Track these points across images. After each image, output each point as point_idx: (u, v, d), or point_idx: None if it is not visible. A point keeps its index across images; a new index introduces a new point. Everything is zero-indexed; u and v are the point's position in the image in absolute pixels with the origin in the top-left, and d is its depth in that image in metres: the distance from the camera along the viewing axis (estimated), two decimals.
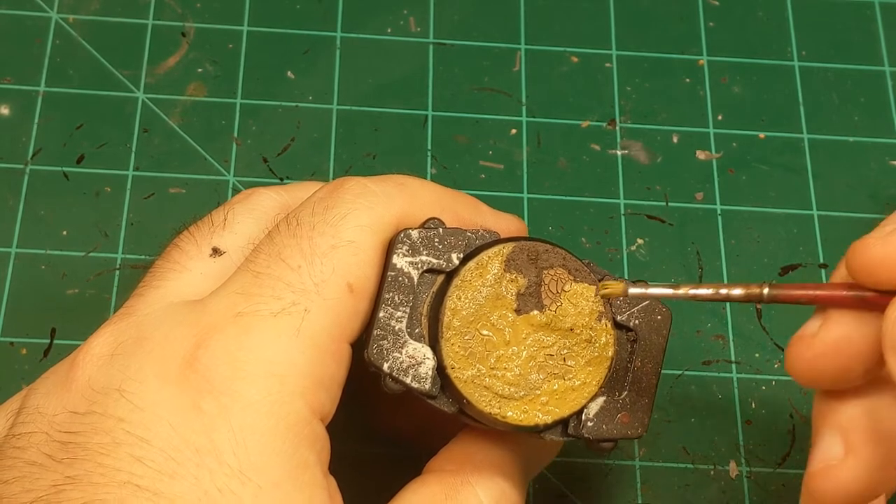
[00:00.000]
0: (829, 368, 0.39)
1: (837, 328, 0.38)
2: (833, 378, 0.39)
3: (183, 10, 0.61)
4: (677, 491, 0.53)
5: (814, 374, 0.39)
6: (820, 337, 0.39)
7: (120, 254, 0.55)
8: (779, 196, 0.60)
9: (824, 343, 0.38)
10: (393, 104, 0.60)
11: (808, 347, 0.39)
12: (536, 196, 0.59)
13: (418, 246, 0.41)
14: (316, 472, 0.39)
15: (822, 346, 0.39)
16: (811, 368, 0.39)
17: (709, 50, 0.63)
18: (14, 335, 0.53)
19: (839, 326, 0.38)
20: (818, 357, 0.39)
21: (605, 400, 0.42)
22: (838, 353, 0.38)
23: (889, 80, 0.63)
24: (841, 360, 0.38)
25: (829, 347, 0.38)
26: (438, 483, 0.42)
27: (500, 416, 0.41)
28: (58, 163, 0.57)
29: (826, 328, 0.39)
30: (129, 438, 0.38)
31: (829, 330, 0.38)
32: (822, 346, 0.39)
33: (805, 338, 0.39)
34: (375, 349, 0.40)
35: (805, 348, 0.39)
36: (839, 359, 0.38)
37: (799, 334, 0.39)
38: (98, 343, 0.41)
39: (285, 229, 0.41)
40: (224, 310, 0.40)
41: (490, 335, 0.41)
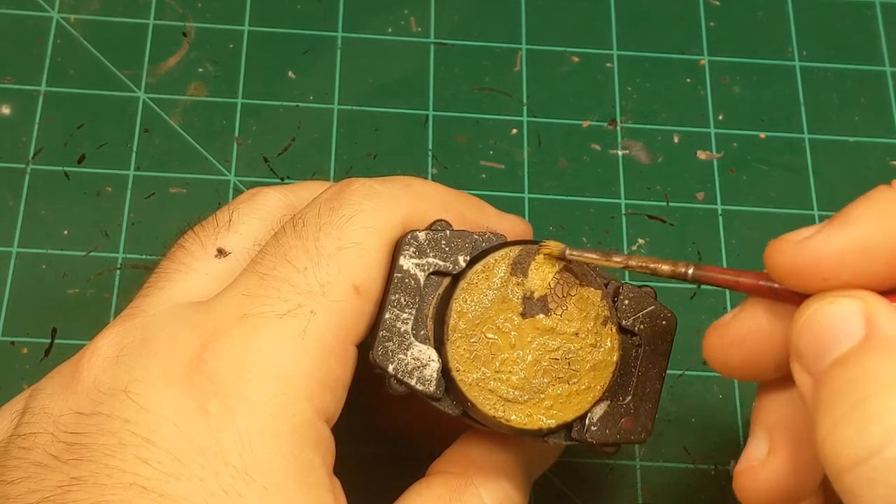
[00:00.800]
0: (740, 358, 0.39)
1: (749, 319, 0.39)
2: (744, 368, 0.39)
3: (184, 9, 0.61)
4: (677, 491, 0.53)
5: (726, 362, 0.40)
6: (732, 326, 0.39)
7: (121, 253, 0.55)
8: (779, 196, 0.60)
9: (735, 332, 0.39)
10: (394, 104, 0.60)
11: (720, 335, 0.39)
12: (537, 196, 0.59)
13: (425, 248, 0.41)
14: (321, 473, 0.39)
15: (733, 336, 0.39)
16: (723, 356, 0.40)
17: (709, 50, 0.63)
18: (15, 335, 0.53)
19: (751, 318, 0.39)
20: (729, 346, 0.39)
21: (608, 404, 0.42)
22: (748, 343, 0.39)
23: (889, 80, 0.63)
24: (751, 351, 0.39)
25: (740, 337, 0.39)
26: (442, 485, 0.42)
27: (504, 419, 0.41)
28: (59, 162, 0.57)
29: (738, 318, 0.39)
30: (135, 440, 0.38)
31: (741, 320, 0.39)
32: (733, 336, 0.39)
33: (720, 326, 0.40)
34: (380, 351, 0.41)
35: (718, 336, 0.40)
36: (749, 350, 0.39)
37: (716, 322, 0.40)
38: (104, 344, 0.41)
39: (291, 231, 0.41)
40: (230, 311, 0.40)
41: (495, 338, 0.41)
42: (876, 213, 0.35)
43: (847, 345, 0.34)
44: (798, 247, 0.36)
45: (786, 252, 0.36)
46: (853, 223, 0.35)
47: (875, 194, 0.36)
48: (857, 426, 0.32)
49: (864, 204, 0.36)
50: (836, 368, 0.34)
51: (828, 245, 0.35)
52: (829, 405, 0.33)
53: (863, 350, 0.34)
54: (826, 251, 0.35)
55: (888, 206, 0.36)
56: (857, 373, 0.33)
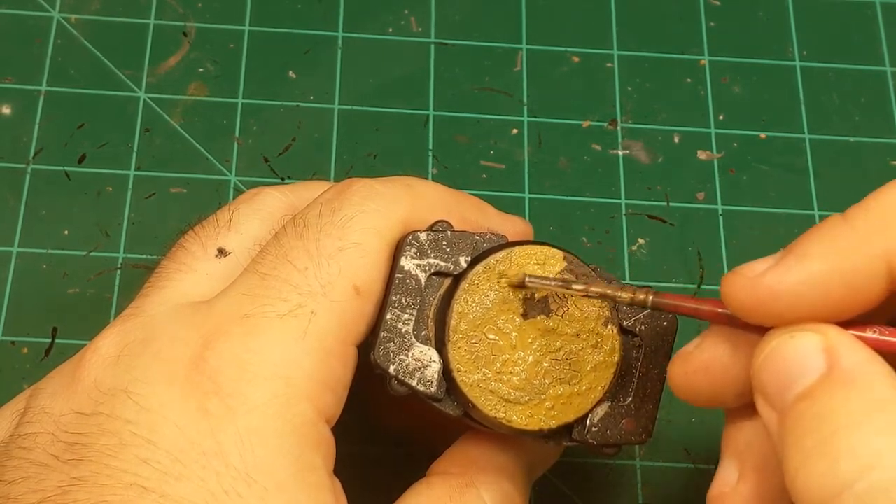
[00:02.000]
0: (702, 386, 0.39)
1: (711, 349, 0.39)
2: (707, 397, 0.39)
3: (184, 9, 0.61)
4: (677, 491, 0.53)
5: (688, 389, 0.40)
6: (695, 355, 0.39)
7: (121, 253, 0.55)
8: (779, 196, 0.60)
9: (699, 361, 0.39)
10: (394, 104, 0.60)
11: (683, 363, 0.39)
12: (537, 196, 0.59)
13: (426, 248, 0.41)
14: (322, 473, 0.39)
15: (696, 364, 0.39)
16: (686, 384, 0.39)
17: (710, 50, 0.63)
18: (15, 335, 0.53)
19: (713, 348, 0.39)
20: (691, 374, 0.39)
21: (609, 405, 0.42)
22: (710, 373, 0.39)
23: (889, 80, 0.63)
24: (713, 381, 0.39)
25: (702, 366, 0.39)
26: (443, 485, 0.42)
27: (505, 420, 0.41)
28: (59, 162, 0.57)
29: (701, 348, 0.39)
30: (136, 440, 0.38)
31: (704, 350, 0.39)
32: (696, 364, 0.39)
33: (683, 354, 0.40)
34: (382, 351, 0.41)
35: (681, 363, 0.40)
36: (711, 379, 0.39)
37: (680, 351, 0.40)
38: (104, 344, 0.41)
39: (292, 231, 0.41)
40: (230, 311, 0.40)
41: (496, 339, 0.41)
42: (829, 248, 0.35)
43: (809, 379, 0.34)
44: (753, 282, 0.36)
45: (741, 288, 0.36)
46: (809, 257, 0.35)
47: (828, 226, 0.36)
48: (827, 462, 0.32)
49: (818, 237, 0.36)
50: (800, 403, 0.34)
51: (783, 282, 0.35)
52: (797, 441, 0.33)
53: (825, 384, 0.34)
54: (781, 287, 0.35)
55: (841, 239, 0.35)
56: (822, 408, 0.33)
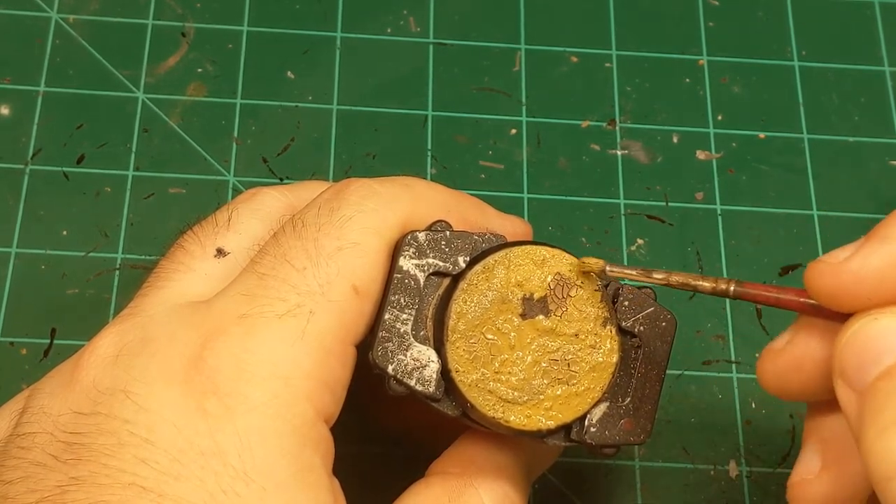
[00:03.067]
0: (794, 382, 0.39)
1: (802, 344, 0.39)
2: (798, 392, 0.40)
3: (183, 10, 0.61)
4: (677, 491, 0.53)
5: (780, 386, 0.40)
6: (786, 351, 0.39)
7: (120, 254, 0.55)
8: (779, 196, 0.60)
9: (789, 358, 0.39)
10: (393, 104, 0.60)
11: (773, 360, 0.40)
12: (536, 196, 0.59)
13: (425, 248, 0.41)
14: (321, 473, 0.39)
15: (787, 361, 0.39)
16: (777, 381, 0.40)
17: (709, 50, 0.63)
18: (14, 335, 0.53)
19: (803, 343, 0.39)
20: (783, 371, 0.39)
21: (608, 406, 0.42)
22: (802, 368, 0.39)
23: (889, 80, 0.63)
24: (804, 376, 0.39)
25: (794, 362, 0.39)
26: (442, 485, 0.42)
27: (504, 420, 0.41)
28: (58, 163, 0.57)
29: (792, 343, 0.39)
30: (134, 440, 0.38)
31: (795, 345, 0.39)
32: (787, 361, 0.39)
33: (772, 351, 0.40)
34: (380, 351, 0.40)
35: (771, 361, 0.40)
36: (803, 374, 0.39)
37: (768, 347, 0.40)
38: (103, 344, 0.41)
39: (290, 231, 0.41)
40: (229, 311, 0.40)
41: (495, 339, 0.41)
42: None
43: (890, 359, 0.34)
44: (838, 268, 0.36)
45: (826, 275, 0.36)
46: (889, 241, 0.36)
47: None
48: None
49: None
50: (880, 382, 0.34)
51: (867, 264, 0.36)
52: (874, 416, 0.33)
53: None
54: (866, 270, 0.36)
55: None
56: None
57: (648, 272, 0.41)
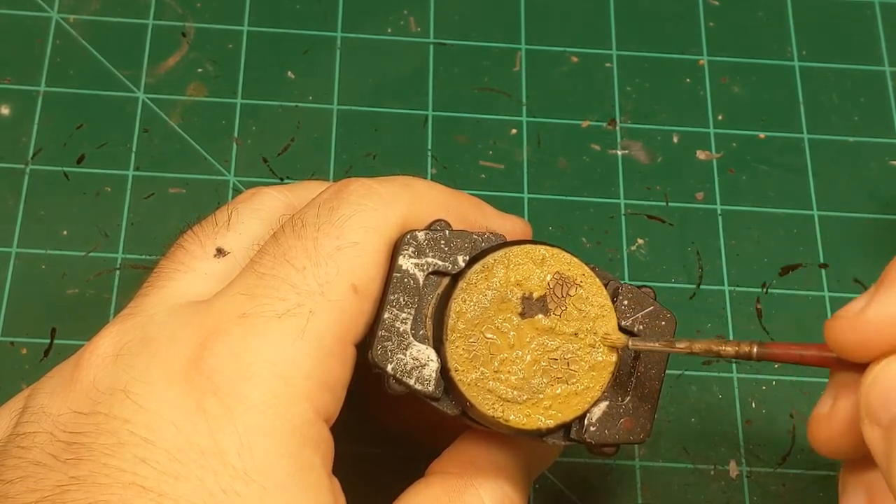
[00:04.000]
0: (848, 444, 0.39)
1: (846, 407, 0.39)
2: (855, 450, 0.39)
3: (183, 10, 0.61)
4: (677, 491, 0.53)
5: (836, 450, 0.40)
6: (832, 417, 0.39)
7: (120, 254, 0.55)
8: (779, 196, 0.60)
9: (837, 423, 0.39)
10: (393, 104, 0.60)
11: (824, 428, 0.40)
12: (536, 196, 0.59)
13: (424, 248, 0.41)
14: (320, 473, 0.39)
15: (837, 426, 0.39)
16: (832, 446, 0.40)
17: (709, 50, 0.63)
18: (14, 335, 0.53)
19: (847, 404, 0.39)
20: (835, 436, 0.39)
21: (607, 405, 0.42)
22: (852, 429, 0.39)
23: (889, 80, 0.63)
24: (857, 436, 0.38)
25: (844, 426, 0.39)
26: (442, 485, 0.42)
27: (503, 419, 0.41)
28: (58, 163, 0.57)
29: (836, 408, 0.39)
30: (134, 439, 0.38)
31: (839, 409, 0.39)
32: (837, 426, 0.39)
33: (820, 418, 0.40)
34: (379, 350, 0.40)
35: (821, 429, 0.40)
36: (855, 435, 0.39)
37: (815, 414, 0.40)
38: (103, 343, 0.41)
39: (290, 230, 0.41)
40: (229, 311, 0.40)
41: (494, 338, 0.41)
42: None
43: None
44: (856, 322, 0.36)
45: (847, 330, 0.37)
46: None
47: None
48: None
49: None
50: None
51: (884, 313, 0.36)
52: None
53: None
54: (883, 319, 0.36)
55: None
56: None
57: (671, 343, 0.41)
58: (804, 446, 0.54)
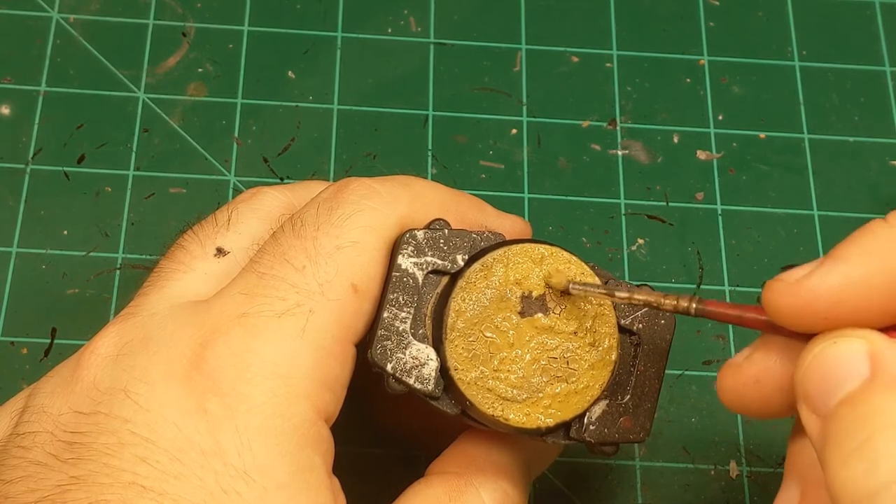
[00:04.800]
0: (752, 398, 0.39)
1: (761, 361, 0.39)
2: (757, 408, 0.39)
3: (183, 10, 0.61)
4: (677, 491, 0.53)
5: (739, 401, 0.39)
6: (745, 367, 0.39)
7: (120, 254, 0.55)
8: (779, 196, 0.60)
9: (748, 373, 0.39)
10: (393, 104, 0.60)
11: (732, 375, 0.39)
12: (537, 196, 0.59)
13: (423, 247, 0.41)
14: (321, 473, 0.39)
15: (746, 376, 0.39)
16: (736, 396, 0.39)
17: (709, 50, 0.63)
18: (14, 335, 0.53)
19: (763, 359, 0.39)
20: (742, 387, 0.39)
21: (607, 404, 0.42)
22: (761, 384, 0.39)
23: (889, 80, 0.63)
24: (764, 393, 0.39)
25: (752, 378, 0.39)
26: (442, 485, 0.42)
27: (503, 418, 0.41)
28: (58, 163, 0.57)
29: (751, 360, 0.39)
30: (135, 439, 0.38)
31: (754, 361, 0.39)
32: (746, 376, 0.39)
33: (732, 366, 0.39)
34: (379, 349, 0.41)
35: (731, 377, 0.39)
36: (762, 391, 0.39)
37: (728, 362, 0.40)
38: (103, 343, 0.41)
39: (290, 230, 0.41)
40: (229, 311, 0.40)
41: (494, 337, 0.41)
42: (872, 249, 0.35)
43: (853, 384, 0.34)
44: (795, 287, 0.36)
45: (783, 294, 0.36)
46: (849, 260, 0.35)
47: (870, 229, 0.36)
48: (867, 462, 0.32)
49: (860, 240, 0.36)
50: (843, 407, 0.34)
51: (824, 284, 0.35)
52: (838, 443, 0.33)
53: (869, 388, 0.34)
54: (823, 290, 0.35)
55: (881, 242, 0.35)
56: (864, 410, 0.33)
57: (611, 290, 0.41)
58: None
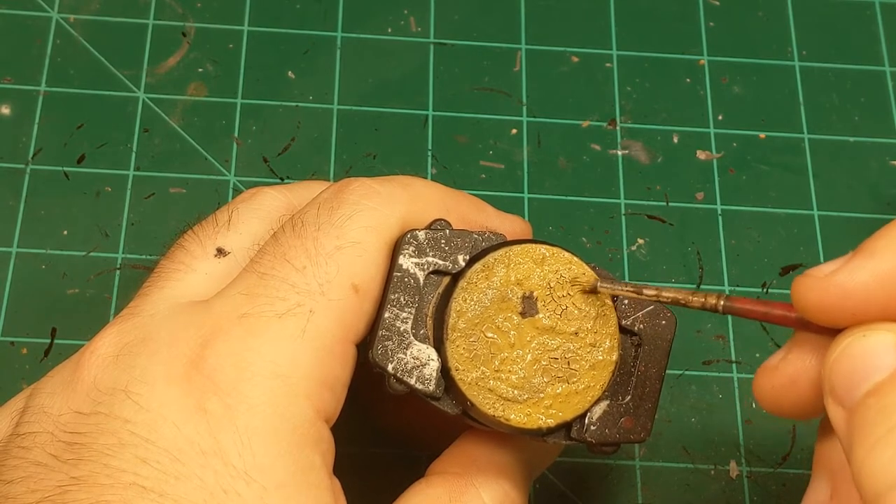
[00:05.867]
0: (790, 400, 0.39)
1: (796, 361, 0.38)
2: (796, 410, 0.39)
3: (183, 9, 0.61)
4: (677, 491, 0.53)
5: (777, 404, 0.39)
6: (780, 368, 0.39)
7: (120, 254, 0.55)
8: (779, 196, 0.60)
9: (784, 375, 0.39)
10: (393, 104, 0.60)
11: (769, 378, 0.39)
12: (537, 196, 0.59)
13: (425, 247, 0.41)
14: (321, 473, 0.39)
15: (783, 378, 0.39)
16: (774, 399, 0.39)
17: (709, 50, 0.63)
18: (14, 335, 0.53)
19: (797, 360, 0.38)
20: (779, 388, 0.39)
21: (608, 404, 0.42)
22: (797, 385, 0.38)
23: (889, 80, 0.63)
24: (800, 394, 0.38)
25: (788, 379, 0.39)
26: (442, 485, 0.42)
27: (504, 418, 0.41)
28: (58, 162, 0.57)
29: (786, 360, 0.39)
30: (135, 439, 0.38)
31: (789, 362, 0.39)
32: (783, 378, 0.39)
33: (768, 368, 0.39)
34: (380, 350, 0.40)
35: (767, 379, 0.39)
36: (799, 392, 0.38)
37: (764, 365, 0.40)
38: (103, 343, 0.41)
39: (290, 230, 0.41)
40: (229, 311, 0.40)
41: (495, 338, 0.41)
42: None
43: (880, 376, 0.34)
44: (824, 282, 0.36)
45: (813, 289, 0.36)
46: (878, 255, 0.35)
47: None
48: (892, 451, 0.32)
49: (889, 235, 0.36)
50: (870, 398, 0.34)
51: (854, 279, 0.35)
52: (864, 433, 0.33)
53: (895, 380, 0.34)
54: (852, 285, 0.35)
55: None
56: (891, 400, 0.33)
57: (639, 288, 0.41)
58: (804, 446, 0.54)
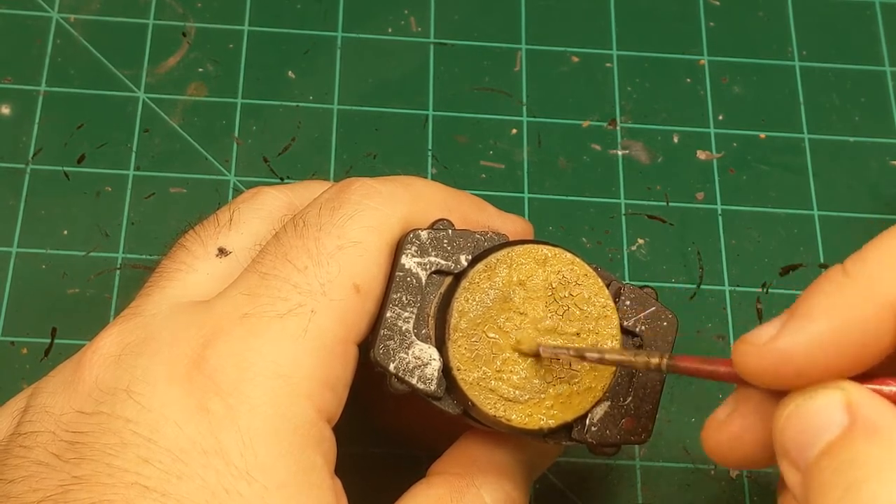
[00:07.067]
0: (739, 453, 0.39)
1: (742, 417, 0.38)
2: (745, 462, 0.39)
3: (184, 9, 0.61)
4: (677, 491, 0.53)
5: (725, 457, 0.39)
6: (727, 423, 0.39)
7: (120, 253, 0.55)
8: (779, 196, 0.60)
9: (730, 429, 0.38)
10: (393, 104, 0.60)
11: (716, 433, 0.39)
12: (537, 196, 0.59)
13: (427, 247, 0.41)
14: (322, 473, 0.39)
15: (729, 433, 0.39)
16: (721, 451, 0.39)
17: (709, 50, 0.63)
18: (14, 335, 0.53)
19: (743, 416, 0.38)
20: (725, 443, 0.39)
21: (609, 405, 0.42)
22: (744, 439, 0.38)
23: (889, 80, 0.63)
24: (748, 448, 0.38)
25: (735, 434, 0.38)
26: (443, 485, 0.42)
27: (505, 419, 0.41)
28: (58, 162, 0.57)
29: (732, 416, 0.39)
30: (137, 439, 0.38)
31: (735, 418, 0.38)
32: (729, 433, 0.39)
33: (715, 421, 0.39)
34: (382, 349, 0.41)
35: (713, 433, 0.39)
36: (746, 447, 0.38)
37: (712, 417, 0.39)
38: (105, 343, 0.41)
39: (292, 230, 0.41)
40: (231, 311, 0.40)
41: (497, 338, 0.41)
42: (833, 305, 0.35)
43: (831, 434, 0.34)
44: (762, 350, 0.35)
45: (751, 357, 0.36)
46: (814, 318, 0.35)
47: (828, 281, 0.36)
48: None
49: (820, 294, 0.35)
50: (823, 459, 0.34)
51: (792, 344, 0.35)
52: (821, 495, 0.33)
53: (848, 437, 0.33)
54: (791, 351, 0.35)
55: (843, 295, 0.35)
56: (844, 459, 0.33)
57: (581, 352, 0.41)
58: None
